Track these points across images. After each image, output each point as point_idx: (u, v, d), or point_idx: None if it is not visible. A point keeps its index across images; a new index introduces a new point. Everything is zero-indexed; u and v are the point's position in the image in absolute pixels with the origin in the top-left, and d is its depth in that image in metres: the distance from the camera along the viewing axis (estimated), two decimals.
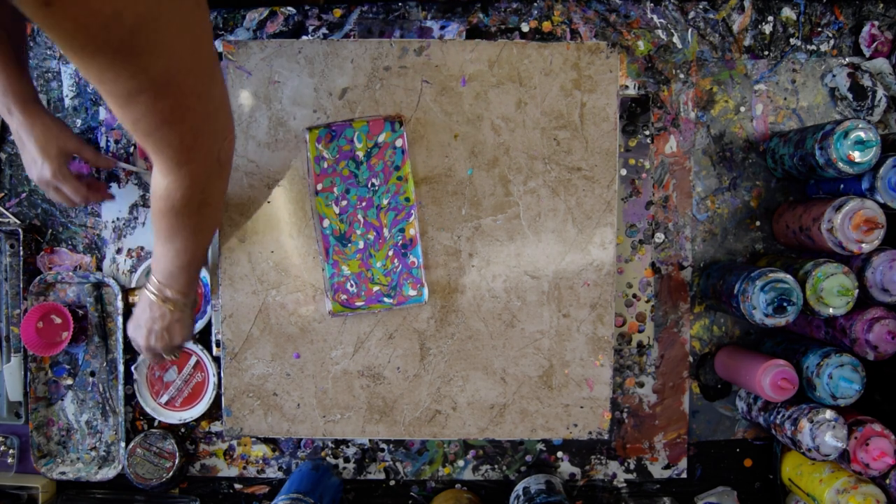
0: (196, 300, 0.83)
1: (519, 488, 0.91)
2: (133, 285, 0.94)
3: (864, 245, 0.79)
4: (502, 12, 0.94)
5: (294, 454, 0.96)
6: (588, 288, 0.86)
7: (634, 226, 0.95)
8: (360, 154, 0.85)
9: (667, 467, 0.96)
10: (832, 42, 0.94)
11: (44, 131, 0.80)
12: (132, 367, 0.93)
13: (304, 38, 0.93)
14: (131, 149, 0.93)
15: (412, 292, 0.86)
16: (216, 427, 0.96)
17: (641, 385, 0.95)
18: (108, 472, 0.93)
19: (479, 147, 0.85)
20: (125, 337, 0.93)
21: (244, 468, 0.96)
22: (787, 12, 0.94)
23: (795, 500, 0.93)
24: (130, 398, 0.95)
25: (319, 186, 0.85)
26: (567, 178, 0.86)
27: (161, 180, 0.63)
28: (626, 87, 0.94)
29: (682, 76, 0.94)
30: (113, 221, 0.94)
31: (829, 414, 0.80)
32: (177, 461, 0.92)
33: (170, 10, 0.48)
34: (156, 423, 0.95)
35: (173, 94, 0.53)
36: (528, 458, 0.96)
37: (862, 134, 0.77)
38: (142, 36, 0.46)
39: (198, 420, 0.95)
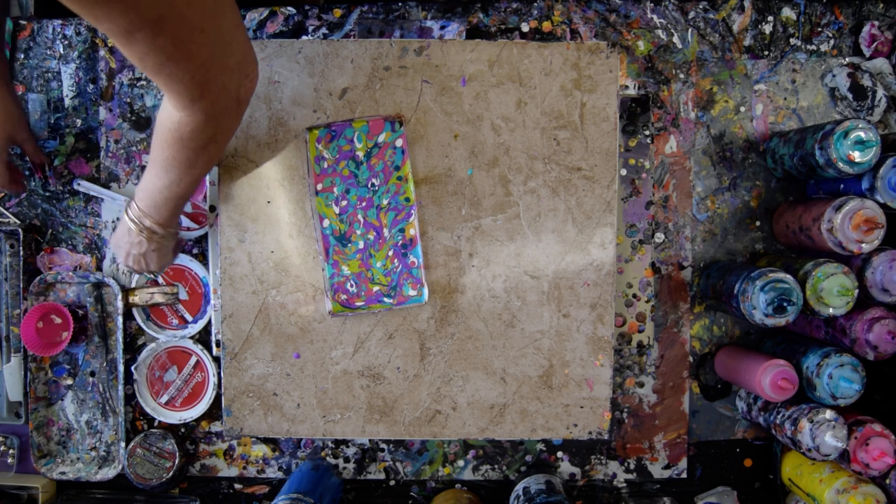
0: (178, 231, 0.81)
1: (519, 488, 0.91)
2: (133, 285, 0.94)
3: (864, 245, 0.79)
4: (502, 12, 0.94)
5: (294, 454, 0.96)
6: (588, 288, 0.86)
7: (634, 226, 0.95)
8: (360, 154, 0.85)
9: (667, 467, 0.96)
10: (832, 42, 0.94)
11: (1, 112, 0.80)
12: (132, 367, 0.93)
13: (304, 38, 0.93)
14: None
15: (412, 292, 0.86)
16: (216, 427, 0.96)
17: (641, 385, 0.95)
18: (108, 472, 0.93)
19: (479, 147, 0.85)
20: (125, 337, 0.93)
21: (244, 468, 0.96)
22: (787, 12, 0.94)
23: (795, 500, 0.93)
24: (130, 398, 0.95)
25: (319, 186, 0.85)
26: (567, 178, 0.86)
27: (173, 113, 0.62)
28: (626, 87, 0.94)
29: (682, 76, 0.94)
30: (113, 221, 0.94)
31: (829, 414, 0.80)
32: (177, 461, 0.92)
33: None
34: (156, 423, 0.95)
35: (171, 29, 0.51)
36: (528, 458, 0.96)
37: (862, 134, 0.77)
38: None
39: (198, 420, 0.95)
